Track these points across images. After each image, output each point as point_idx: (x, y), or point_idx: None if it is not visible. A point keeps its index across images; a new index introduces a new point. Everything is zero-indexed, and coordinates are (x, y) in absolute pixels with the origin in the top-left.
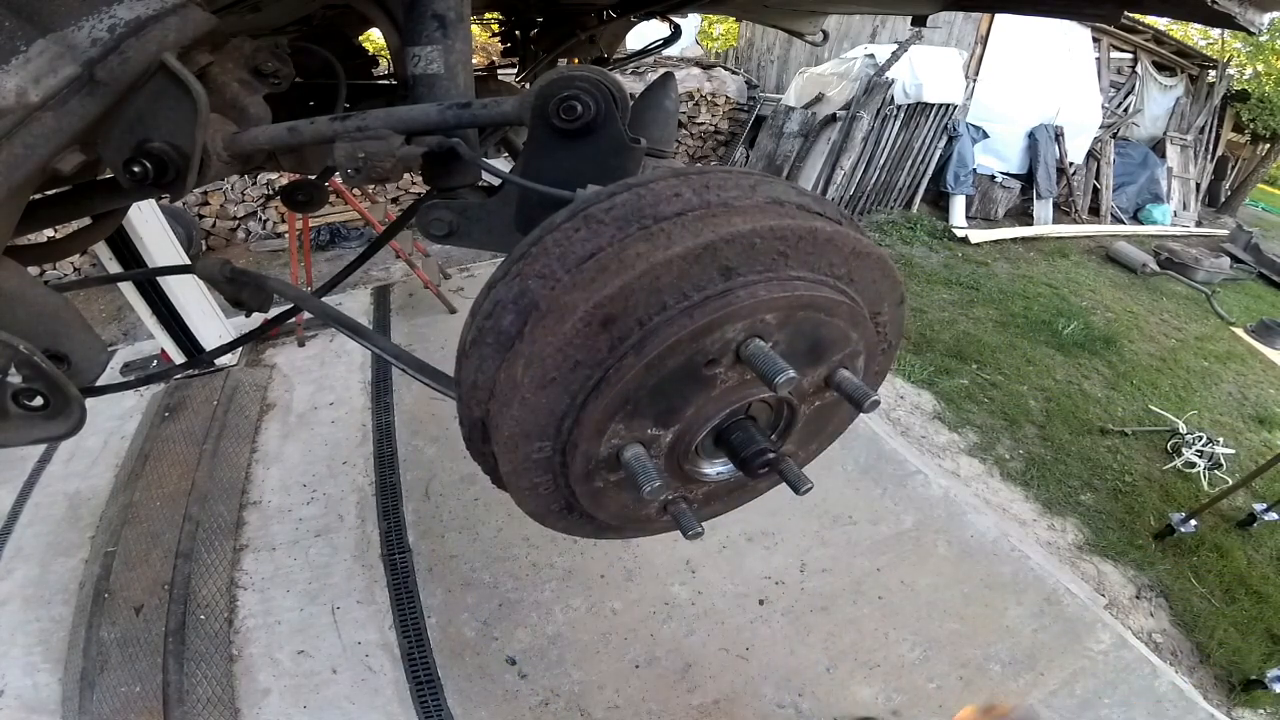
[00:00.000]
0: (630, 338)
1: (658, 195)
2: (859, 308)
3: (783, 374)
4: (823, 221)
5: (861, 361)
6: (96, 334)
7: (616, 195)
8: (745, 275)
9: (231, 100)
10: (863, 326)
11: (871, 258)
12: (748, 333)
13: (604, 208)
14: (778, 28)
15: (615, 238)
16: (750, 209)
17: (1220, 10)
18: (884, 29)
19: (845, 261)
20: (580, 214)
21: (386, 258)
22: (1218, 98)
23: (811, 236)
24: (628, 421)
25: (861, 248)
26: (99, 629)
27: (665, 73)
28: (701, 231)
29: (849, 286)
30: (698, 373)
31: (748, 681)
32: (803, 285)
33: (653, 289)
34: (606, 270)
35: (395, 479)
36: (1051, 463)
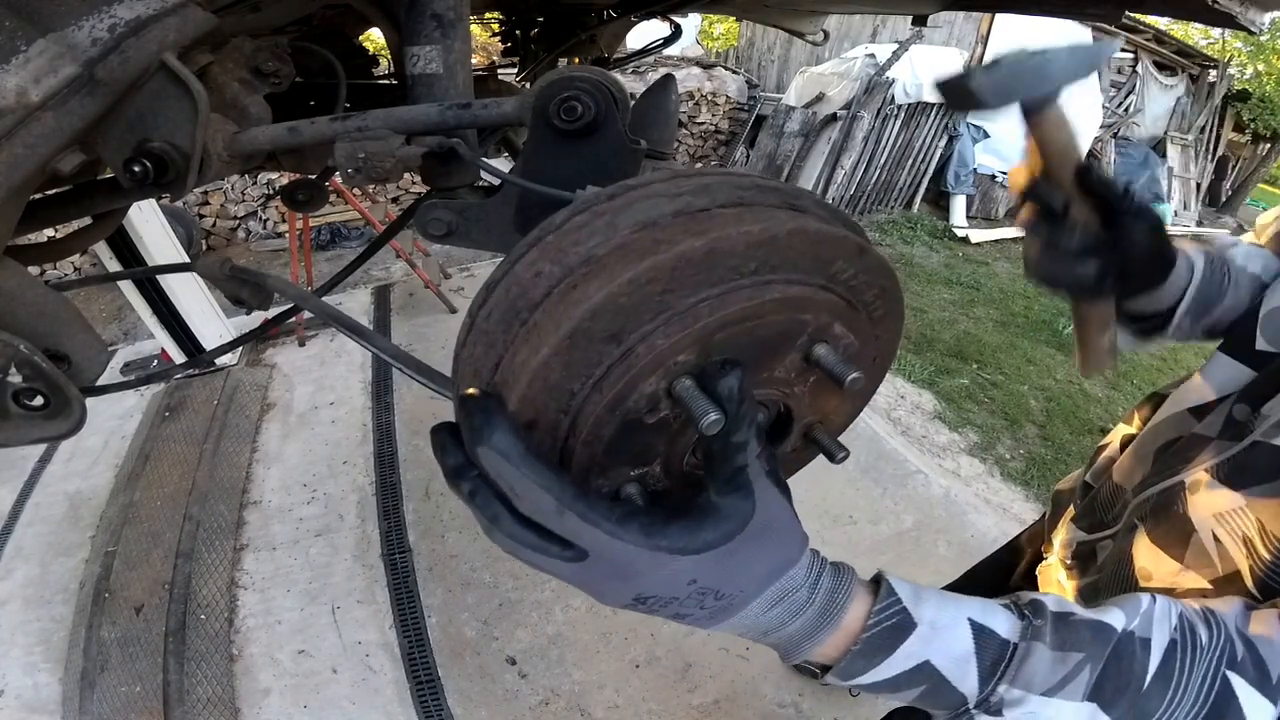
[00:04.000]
0: (560, 429)
1: (523, 282)
2: (793, 285)
3: (705, 417)
4: (706, 226)
5: (839, 327)
6: (97, 333)
7: (492, 292)
8: (634, 332)
9: (232, 100)
10: (809, 301)
11: (778, 237)
12: (669, 378)
13: (483, 314)
14: (778, 27)
15: (505, 344)
16: (611, 256)
17: (1221, 10)
18: (884, 29)
19: (748, 256)
20: (467, 321)
21: (387, 257)
22: (1218, 97)
23: (688, 261)
24: (605, 475)
25: (756, 236)
26: (99, 629)
27: (666, 74)
28: (565, 315)
29: (772, 273)
30: (643, 424)
31: (748, 681)
32: (706, 308)
33: (552, 388)
34: (506, 385)
35: (395, 479)
36: (1052, 462)
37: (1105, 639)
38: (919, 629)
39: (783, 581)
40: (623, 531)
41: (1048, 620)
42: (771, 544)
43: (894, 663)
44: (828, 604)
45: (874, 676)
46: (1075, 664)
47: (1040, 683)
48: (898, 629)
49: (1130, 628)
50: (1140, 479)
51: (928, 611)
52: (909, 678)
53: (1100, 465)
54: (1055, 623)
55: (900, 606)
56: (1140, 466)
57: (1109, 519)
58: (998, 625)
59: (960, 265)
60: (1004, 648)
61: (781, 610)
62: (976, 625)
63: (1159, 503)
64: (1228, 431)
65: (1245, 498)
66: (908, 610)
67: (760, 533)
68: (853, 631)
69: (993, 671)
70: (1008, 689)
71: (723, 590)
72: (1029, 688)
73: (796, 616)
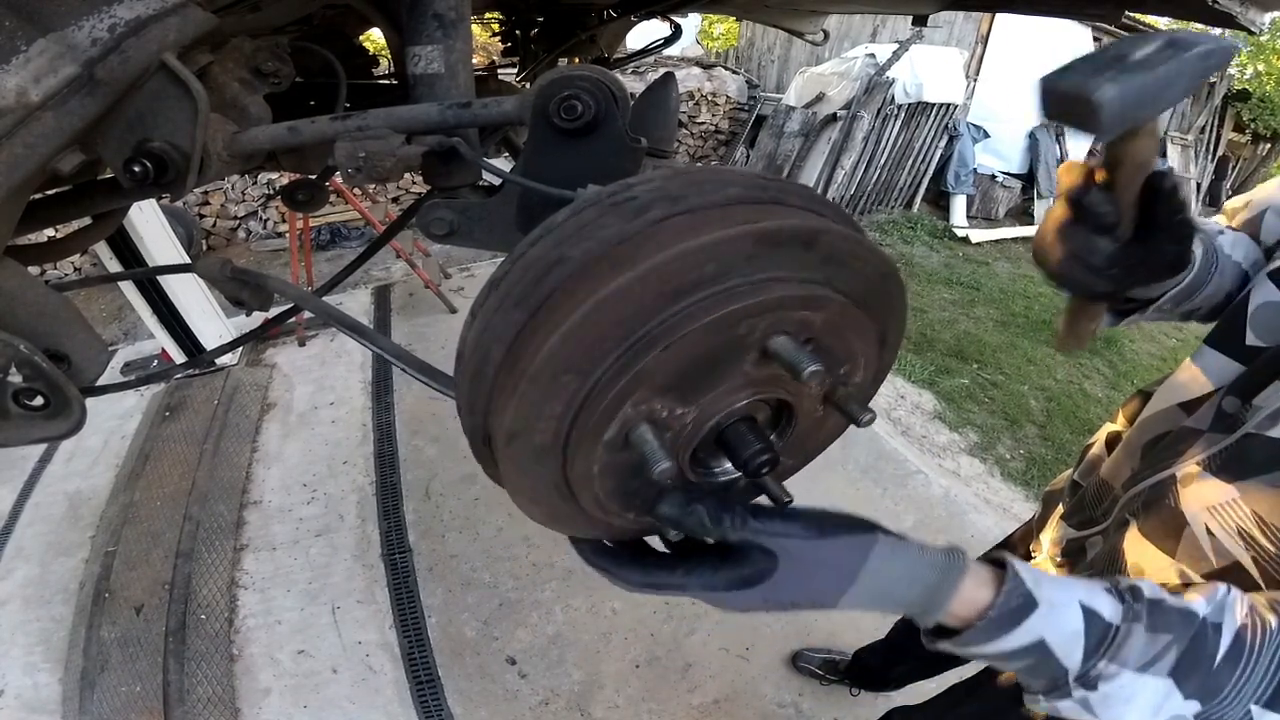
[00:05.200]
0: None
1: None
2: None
3: (657, 465)
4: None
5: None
6: (97, 334)
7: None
8: (592, 373)
9: (232, 100)
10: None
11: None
12: (625, 428)
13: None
14: (778, 27)
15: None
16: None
17: (1221, 10)
18: (884, 28)
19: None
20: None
21: (387, 257)
22: (1218, 97)
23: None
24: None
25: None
26: (99, 629)
27: (666, 72)
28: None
29: (765, 270)
30: None
31: (748, 681)
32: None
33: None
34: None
35: (396, 479)
36: (1052, 462)
37: (1190, 623)
38: (1040, 608)
39: (860, 584)
40: (688, 583)
41: (1144, 604)
42: (814, 572)
43: (1014, 637)
44: (929, 597)
45: (992, 648)
46: (1164, 644)
47: (1135, 660)
48: (1022, 608)
49: (1206, 614)
50: (1130, 474)
51: (1046, 591)
52: (1023, 652)
53: (1088, 464)
54: (1150, 607)
55: (1024, 587)
56: (1129, 462)
57: (1098, 515)
58: (1103, 608)
59: (960, 265)
60: (1108, 629)
61: (880, 600)
62: (1086, 607)
63: (1150, 497)
64: (1219, 424)
65: (1239, 490)
66: (1030, 591)
67: (795, 568)
68: (973, 611)
69: (1096, 649)
70: (1107, 665)
71: (797, 601)
72: (1124, 664)
73: (898, 604)
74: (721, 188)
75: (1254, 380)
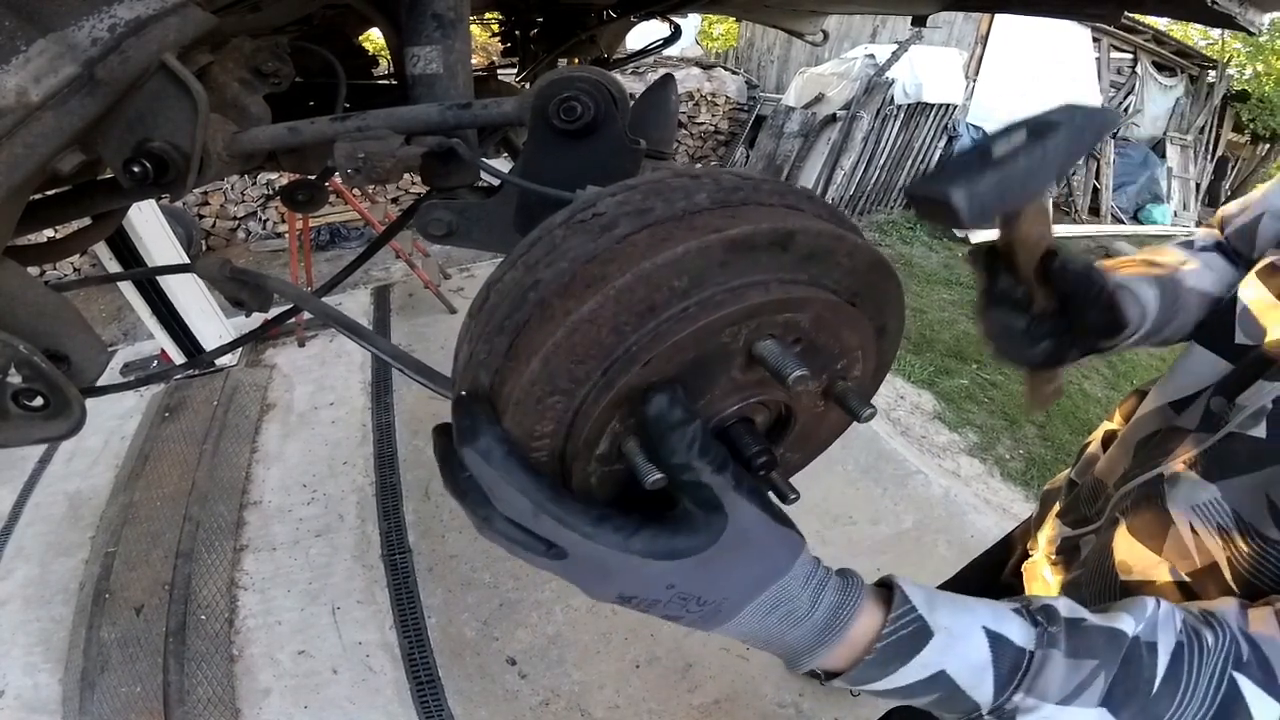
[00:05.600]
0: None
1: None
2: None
3: (648, 477)
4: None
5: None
6: (97, 334)
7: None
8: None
9: (232, 100)
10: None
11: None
12: (614, 441)
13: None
14: (778, 28)
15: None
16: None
17: (1220, 10)
18: (884, 29)
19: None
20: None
21: (386, 258)
22: (1218, 98)
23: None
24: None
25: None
26: (99, 629)
27: (665, 73)
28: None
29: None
30: None
31: (748, 681)
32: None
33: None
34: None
35: (395, 479)
36: (1052, 462)
37: (1118, 645)
38: (936, 638)
39: (774, 590)
40: (596, 534)
41: (1061, 627)
42: (749, 555)
43: (908, 671)
44: (831, 618)
45: (886, 684)
46: (1089, 671)
47: (1056, 691)
48: (915, 637)
49: (1137, 633)
50: (1122, 473)
51: (943, 618)
52: (923, 686)
53: (1084, 462)
54: (1069, 629)
55: (916, 614)
56: (1122, 461)
57: (1092, 514)
58: (1012, 633)
59: (960, 265)
60: (1020, 655)
61: (779, 619)
62: (992, 633)
63: (1139, 496)
64: (1205, 424)
65: (1221, 489)
66: (924, 618)
67: (736, 544)
68: (862, 642)
69: (1009, 680)
70: (1023, 698)
71: (704, 597)
72: (1044, 696)
73: (796, 626)
74: (690, 195)
75: (1240, 379)
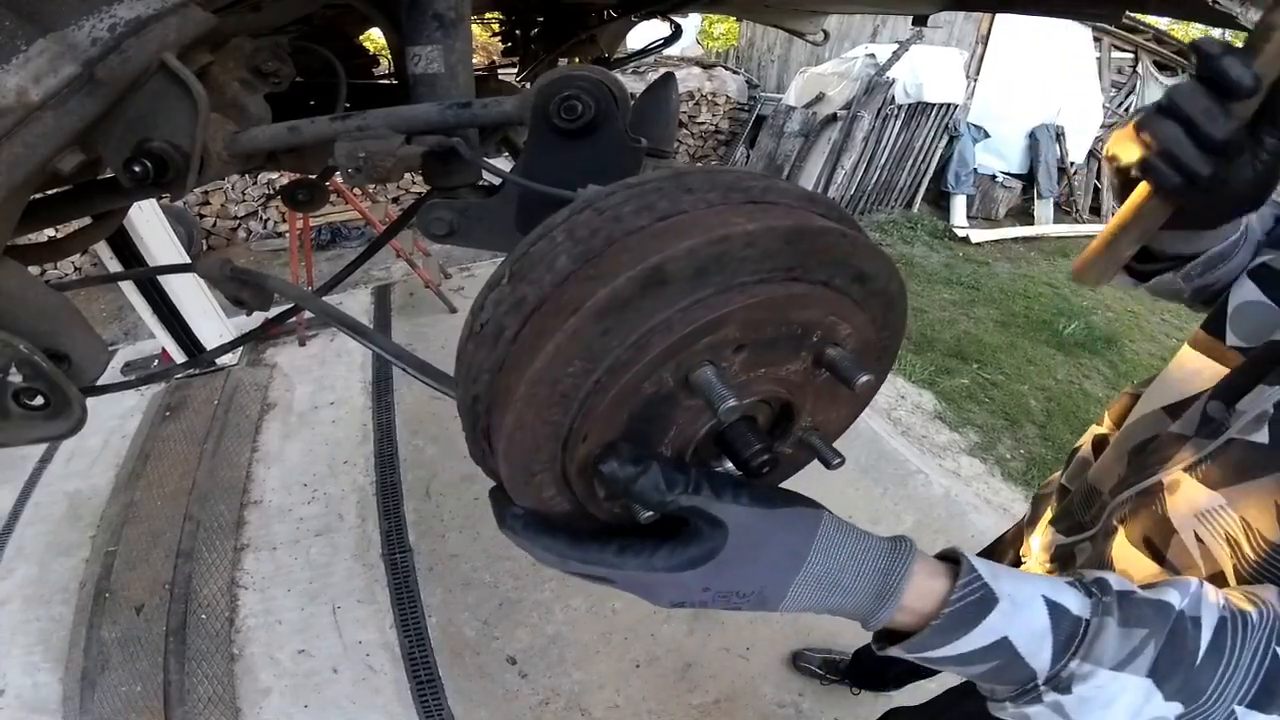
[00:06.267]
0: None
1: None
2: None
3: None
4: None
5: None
6: (97, 333)
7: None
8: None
9: (232, 100)
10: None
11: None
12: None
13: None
14: (778, 27)
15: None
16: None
17: (1221, 10)
18: (885, 28)
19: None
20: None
21: (387, 257)
22: None
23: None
24: None
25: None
26: (100, 628)
27: (666, 72)
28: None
29: (645, 322)
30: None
31: (748, 681)
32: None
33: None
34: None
35: (396, 478)
36: (1052, 462)
37: (1166, 616)
38: (1000, 604)
39: (806, 570)
40: (622, 562)
41: (1114, 597)
42: (764, 549)
43: (973, 638)
44: (882, 584)
45: (949, 651)
46: (1140, 639)
47: (1110, 657)
48: (981, 604)
49: (1182, 606)
50: (1117, 480)
51: (1005, 586)
52: (983, 654)
53: (1075, 467)
54: (1121, 600)
55: (982, 581)
56: (1116, 467)
57: (1086, 520)
58: (1069, 602)
59: (960, 265)
60: (1077, 624)
61: (828, 592)
62: (1050, 602)
63: (1138, 504)
64: (1204, 429)
65: (1226, 496)
66: (989, 585)
67: (745, 543)
68: (925, 608)
69: (1066, 647)
70: (1079, 664)
71: (742, 590)
72: (1099, 662)
73: (848, 595)
74: (551, 263)
75: (1237, 384)
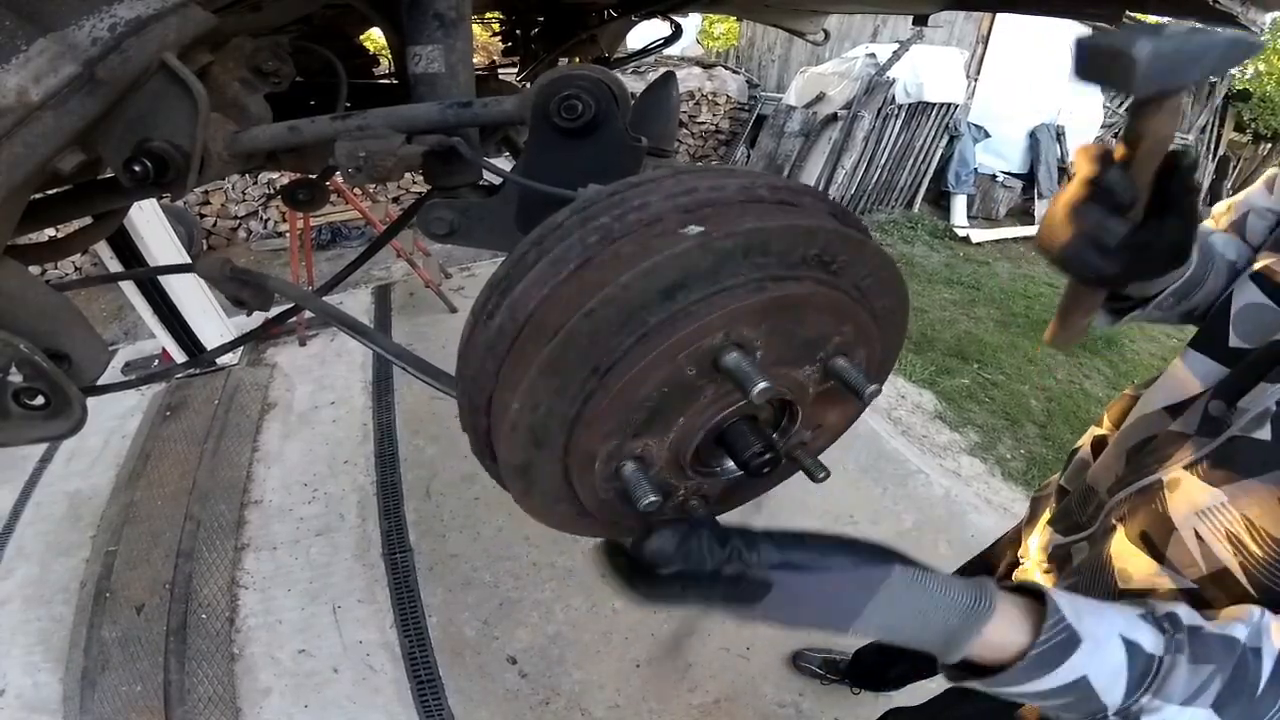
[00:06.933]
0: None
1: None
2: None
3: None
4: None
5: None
6: (98, 333)
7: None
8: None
9: (232, 99)
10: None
11: None
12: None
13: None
14: (779, 27)
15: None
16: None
17: (1222, 9)
18: (885, 28)
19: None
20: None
21: (387, 257)
22: (1219, 97)
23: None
24: None
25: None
26: (100, 628)
27: (666, 72)
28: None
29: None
30: None
31: (748, 681)
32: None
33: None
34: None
35: (396, 478)
36: (1053, 462)
37: (1232, 650)
38: (1083, 644)
39: (864, 619)
40: (686, 596)
41: (1185, 634)
42: (810, 606)
43: (1055, 676)
44: (950, 638)
45: (1029, 688)
46: (1208, 675)
47: (1180, 694)
48: (1065, 645)
49: (1245, 640)
50: (1116, 479)
51: (1088, 625)
52: (1062, 690)
53: (1074, 468)
54: (1191, 636)
55: (1066, 624)
56: (1115, 467)
57: (1084, 520)
58: (1144, 639)
59: (961, 265)
60: (1150, 661)
61: (894, 631)
62: (1128, 641)
63: (1137, 502)
64: (1205, 428)
65: (1227, 494)
66: (1073, 627)
67: (791, 600)
68: (1009, 649)
69: (1139, 683)
70: (1150, 699)
71: (804, 624)
72: (1169, 698)
73: (914, 640)
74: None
75: (1238, 383)
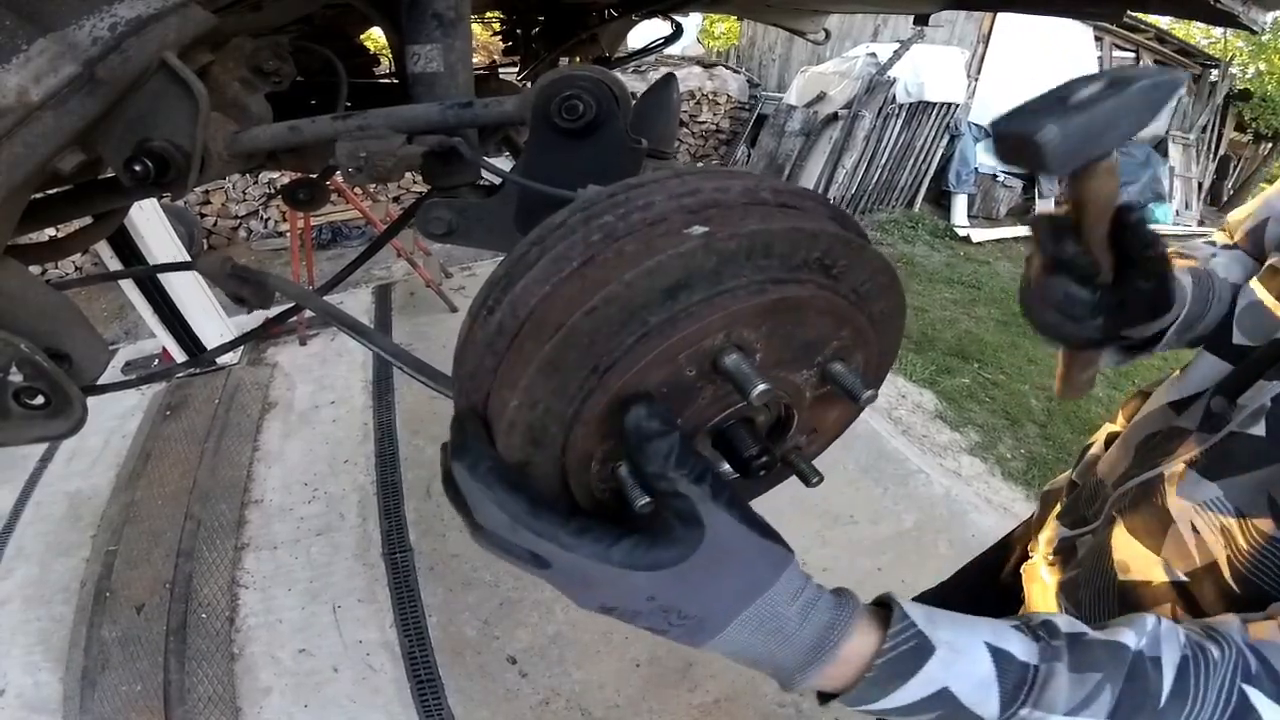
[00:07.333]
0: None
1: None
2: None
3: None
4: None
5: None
6: (98, 333)
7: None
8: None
9: (232, 99)
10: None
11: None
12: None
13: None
14: (779, 26)
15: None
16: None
17: (1223, 9)
18: (886, 28)
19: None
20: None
21: (388, 256)
22: (1220, 97)
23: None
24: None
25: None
26: (100, 628)
27: (667, 72)
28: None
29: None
30: None
31: (748, 681)
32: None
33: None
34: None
35: (396, 478)
36: (1053, 462)
37: (1121, 659)
38: (938, 652)
39: (759, 605)
40: (575, 544)
41: (1063, 641)
42: (729, 568)
43: (911, 689)
44: (822, 636)
45: (887, 704)
46: (1095, 684)
47: (1063, 703)
48: (916, 653)
49: (1140, 647)
50: (1121, 472)
51: (944, 633)
52: (925, 705)
53: (1086, 464)
54: (1071, 643)
55: (916, 629)
56: (1123, 461)
57: (1090, 514)
58: (1014, 648)
59: (961, 264)
60: (1024, 670)
61: (767, 637)
62: (994, 649)
63: (1138, 495)
64: (1206, 424)
65: (1223, 488)
66: (924, 633)
67: (714, 557)
68: (860, 661)
69: (1015, 695)
70: (1030, 711)
71: (685, 610)
72: (1051, 709)
73: (785, 644)
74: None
75: (1240, 379)
